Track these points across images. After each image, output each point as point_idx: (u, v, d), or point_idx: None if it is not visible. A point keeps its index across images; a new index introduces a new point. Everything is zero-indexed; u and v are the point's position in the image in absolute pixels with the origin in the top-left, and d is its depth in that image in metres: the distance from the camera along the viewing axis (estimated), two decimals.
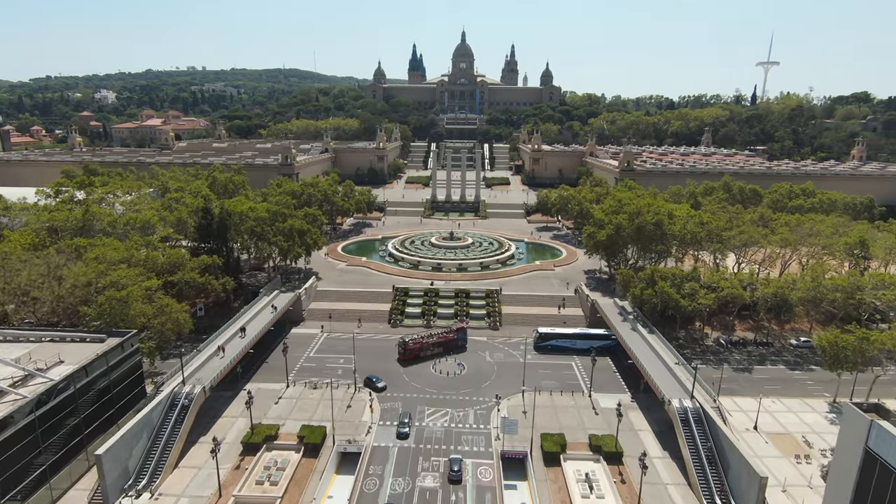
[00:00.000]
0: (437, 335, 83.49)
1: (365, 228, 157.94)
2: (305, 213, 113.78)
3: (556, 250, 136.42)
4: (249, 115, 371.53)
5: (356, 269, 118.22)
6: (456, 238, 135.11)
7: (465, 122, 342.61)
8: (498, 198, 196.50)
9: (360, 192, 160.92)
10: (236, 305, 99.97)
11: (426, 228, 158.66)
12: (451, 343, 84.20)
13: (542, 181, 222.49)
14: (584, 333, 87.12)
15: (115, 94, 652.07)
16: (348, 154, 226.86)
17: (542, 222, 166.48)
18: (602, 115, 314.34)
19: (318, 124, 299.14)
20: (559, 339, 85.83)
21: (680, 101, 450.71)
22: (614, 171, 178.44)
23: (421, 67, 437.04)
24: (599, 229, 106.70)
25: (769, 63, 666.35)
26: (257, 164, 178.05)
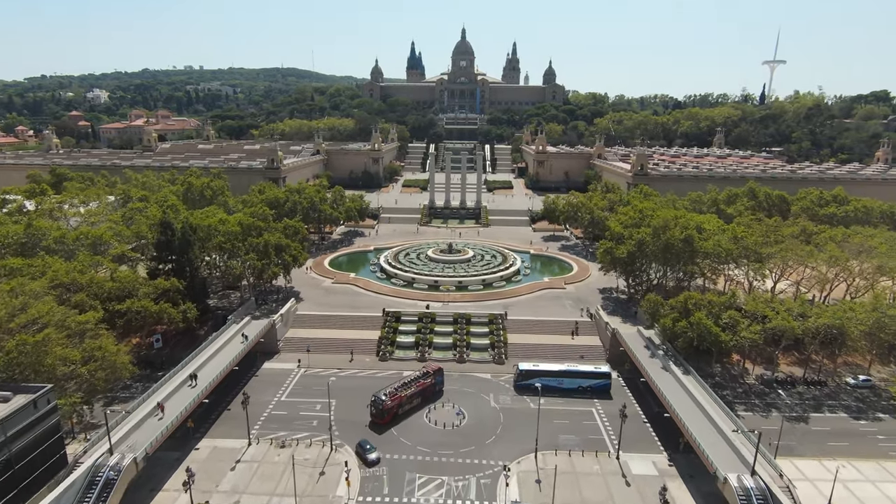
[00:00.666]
0: (414, 383, 68.47)
1: (356, 238, 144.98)
2: (285, 225, 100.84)
3: (566, 264, 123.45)
4: (242, 115, 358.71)
5: (343, 287, 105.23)
6: (455, 251, 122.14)
7: (466, 122, 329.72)
8: (500, 203, 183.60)
9: (352, 198, 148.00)
10: (203, 332, 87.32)
11: (423, 238, 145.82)
12: (429, 390, 69.97)
13: (547, 185, 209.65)
14: (573, 371, 73.67)
15: (109, 93, 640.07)
16: (341, 156, 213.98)
17: (548, 231, 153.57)
18: (608, 114, 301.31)
19: (311, 124, 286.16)
20: (544, 377, 72.04)
21: (686, 101, 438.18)
22: (626, 174, 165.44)
23: (420, 66, 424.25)
24: (618, 244, 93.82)
25: (775, 62, 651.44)
26: (241, 167, 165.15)
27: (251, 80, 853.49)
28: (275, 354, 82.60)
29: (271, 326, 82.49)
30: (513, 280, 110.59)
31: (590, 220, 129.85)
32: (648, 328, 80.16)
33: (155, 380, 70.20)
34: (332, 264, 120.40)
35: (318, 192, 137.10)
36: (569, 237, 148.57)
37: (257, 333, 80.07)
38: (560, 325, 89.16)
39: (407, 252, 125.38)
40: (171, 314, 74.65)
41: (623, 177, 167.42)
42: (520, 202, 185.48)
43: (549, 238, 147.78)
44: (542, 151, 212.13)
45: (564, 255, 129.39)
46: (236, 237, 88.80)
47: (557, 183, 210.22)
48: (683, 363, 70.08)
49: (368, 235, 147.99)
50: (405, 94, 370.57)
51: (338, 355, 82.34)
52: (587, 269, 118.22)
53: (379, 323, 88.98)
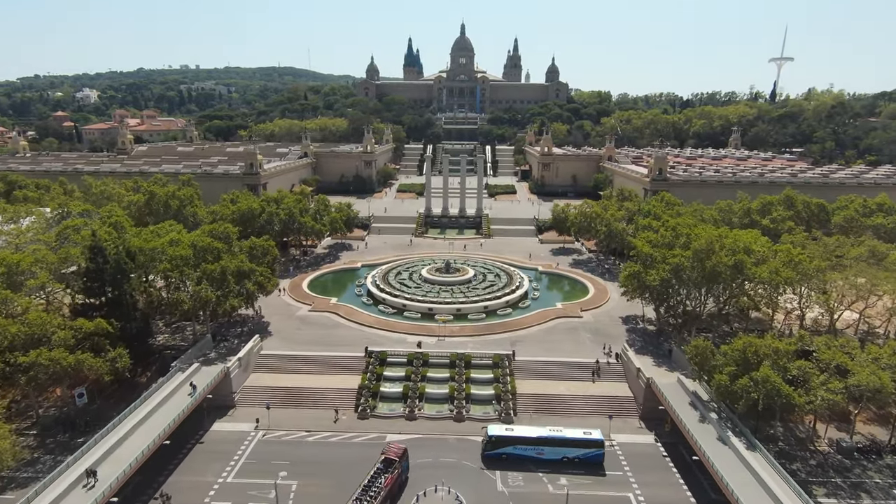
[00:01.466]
0: (379, 487, 49.43)
1: (343, 252, 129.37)
2: (252, 245, 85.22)
3: (581, 284, 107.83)
4: (231, 115, 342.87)
5: (321, 316, 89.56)
6: (453, 269, 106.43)
7: (465, 121, 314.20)
8: (503, 210, 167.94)
9: (338, 207, 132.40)
10: (145, 379, 71.94)
11: (418, 251, 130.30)
12: (396, 483, 52.27)
13: (553, 189, 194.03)
14: (557, 438, 57.70)
15: (99, 93, 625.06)
16: (331, 159, 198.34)
17: (557, 243, 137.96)
18: (616, 113, 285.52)
19: (302, 124, 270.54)
20: (520, 444, 57.29)
21: (693, 99, 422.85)
22: (643, 180, 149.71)
23: (417, 63, 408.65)
24: (646, 267, 78.31)
25: (783, 59, 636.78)
26: (216, 173, 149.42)
27: (247, 80, 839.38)
28: (229, 410, 67.10)
29: (225, 375, 66.96)
30: (520, 306, 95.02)
31: (606, 233, 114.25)
32: (694, 378, 64.71)
33: (73, 448, 55.05)
34: (312, 286, 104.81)
35: (299, 201, 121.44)
36: (581, 250, 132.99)
37: (207, 385, 64.65)
38: (579, 368, 73.58)
39: (398, 270, 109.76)
40: (93, 365, 59.16)
41: (639, 182, 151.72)
42: (524, 209, 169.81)
43: (559, 251, 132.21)
44: (548, 153, 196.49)
45: (578, 273, 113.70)
46: (186, 263, 73.21)
47: (564, 187, 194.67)
48: (746, 433, 54.57)
49: (357, 249, 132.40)
50: (402, 92, 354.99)
51: (307, 410, 66.79)
52: (605, 290, 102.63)
53: (360, 366, 73.46)
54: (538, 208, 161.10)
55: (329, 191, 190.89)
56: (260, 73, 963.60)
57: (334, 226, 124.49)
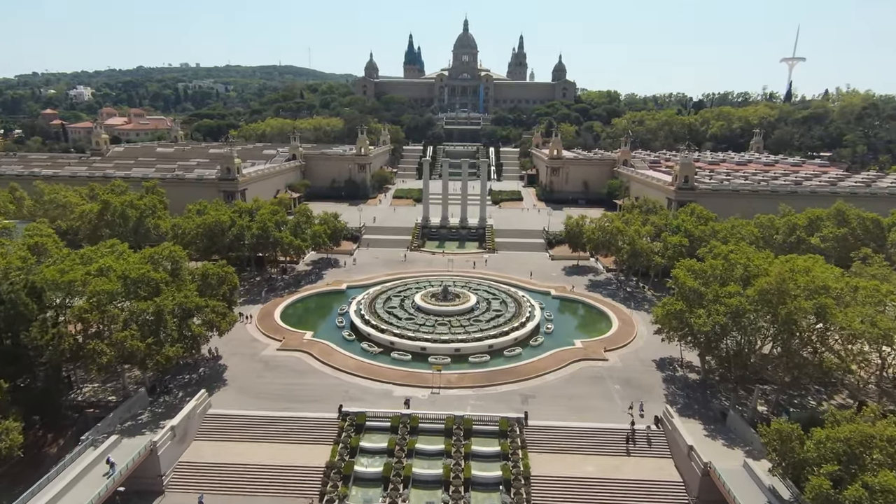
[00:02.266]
0: None
1: (327, 270, 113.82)
2: (206, 271, 69.67)
3: (601, 313, 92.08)
4: (223, 114, 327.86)
5: (291, 357, 74.00)
6: (451, 296, 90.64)
7: (468, 122, 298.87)
8: (509, 220, 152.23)
9: (323, 218, 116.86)
10: (55, 449, 56.63)
11: (413, 268, 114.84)
12: None
13: (563, 196, 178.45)
14: None
15: (94, 90, 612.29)
16: (321, 162, 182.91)
17: (570, 259, 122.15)
18: (627, 114, 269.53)
19: (296, 124, 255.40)
20: None
21: (705, 100, 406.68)
22: (665, 188, 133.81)
23: (418, 61, 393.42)
24: (690, 305, 62.60)
25: (794, 59, 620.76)
26: (189, 178, 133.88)
27: (247, 78, 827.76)
28: (156, 497, 51.62)
29: (151, 451, 51.48)
30: (531, 343, 79.39)
31: (630, 252, 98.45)
32: (761, 457, 49.08)
33: None
34: (287, 314, 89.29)
35: (276, 212, 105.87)
36: (597, 269, 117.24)
37: (129, 463, 49.28)
38: (610, 437, 57.90)
39: (388, 295, 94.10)
40: None
41: (661, 190, 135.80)
42: (532, 219, 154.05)
43: (573, 270, 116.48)
44: (557, 157, 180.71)
45: (597, 299, 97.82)
46: (112, 299, 57.74)
47: (575, 194, 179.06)
48: None
49: (344, 266, 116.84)
50: (402, 91, 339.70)
51: (257, 499, 51.27)
52: (631, 323, 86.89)
53: (332, 431, 57.94)
54: (548, 218, 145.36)
55: (319, 196, 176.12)
56: (260, 71, 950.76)
57: (317, 240, 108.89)
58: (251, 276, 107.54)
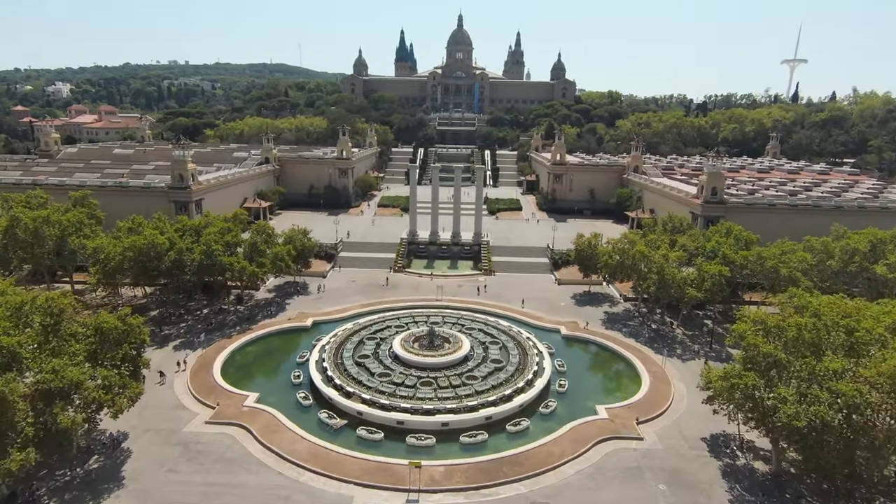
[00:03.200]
0: None
1: (293, 299, 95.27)
2: (99, 325, 50.81)
3: (624, 360, 74.10)
4: (202, 112, 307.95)
5: (223, 437, 55.25)
6: (439, 342, 72.19)
7: (462, 122, 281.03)
8: (507, 234, 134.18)
9: (289, 235, 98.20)
10: None
11: (395, 296, 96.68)
12: None
13: (567, 206, 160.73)
14: None
15: (72, 87, 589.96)
16: (298, 166, 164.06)
17: (580, 283, 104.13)
18: (633, 115, 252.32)
19: (277, 123, 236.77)
20: None
21: (708, 102, 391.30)
22: (689, 201, 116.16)
23: (410, 58, 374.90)
24: (769, 378, 44.84)
25: (796, 60, 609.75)
26: (133, 187, 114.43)
27: (236, 76, 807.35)
28: None
29: None
30: (541, 411, 61.21)
31: (659, 283, 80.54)
32: None
33: None
34: (232, 364, 70.77)
35: (228, 231, 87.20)
36: (613, 297, 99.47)
37: None
38: None
39: (361, 338, 75.69)
40: None
41: (684, 204, 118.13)
42: (534, 233, 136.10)
43: (585, 298, 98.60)
44: (560, 163, 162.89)
45: (618, 341, 79.78)
46: None
47: (580, 203, 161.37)
48: None
49: (313, 293, 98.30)
50: (392, 89, 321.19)
51: None
52: (664, 377, 68.89)
53: None
54: (552, 233, 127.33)
55: (296, 204, 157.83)
56: (250, 69, 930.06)
57: (278, 263, 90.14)
58: (199, 306, 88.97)
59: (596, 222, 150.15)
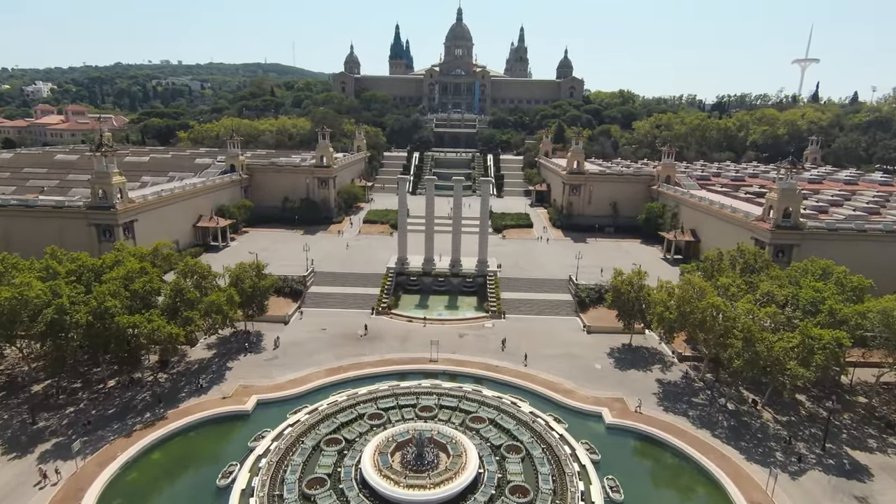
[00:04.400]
0: None
1: (237, 360, 71.02)
2: None
3: (704, 476, 50.21)
4: (178, 112, 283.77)
5: None
6: (430, 459, 47.53)
7: (462, 123, 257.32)
8: (518, 260, 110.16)
9: (236, 274, 74.12)
10: None
11: (377, 350, 72.99)
12: None
13: (585, 222, 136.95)
14: None
15: (55, 86, 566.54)
16: (270, 175, 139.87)
17: (616, 331, 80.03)
18: (652, 116, 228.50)
19: (256, 125, 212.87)
20: None
21: (723, 102, 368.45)
22: (753, 225, 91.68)
23: (406, 56, 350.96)
24: None
25: (807, 60, 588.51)
26: (44, 205, 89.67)
27: (229, 76, 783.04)
28: None
29: None
30: None
31: (749, 359, 56.29)
32: None
33: None
34: (120, 486, 46.80)
35: (143, 274, 63.01)
36: (664, 354, 75.44)
37: None
38: None
39: (318, 440, 51.70)
40: None
41: (743, 227, 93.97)
42: (550, 258, 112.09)
43: (625, 354, 74.72)
44: (578, 171, 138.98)
45: (688, 437, 55.49)
46: None
47: (601, 219, 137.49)
48: None
49: (266, 349, 74.20)
50: (386, 88, 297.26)
51: None
52: None
53: None
54: (572, 258, 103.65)
55: (267, 220, 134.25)
56: (244, 69, 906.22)
57: (213, 315, 65.94)
58: (104, 375, 64.83)
59: (622, 243, 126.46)
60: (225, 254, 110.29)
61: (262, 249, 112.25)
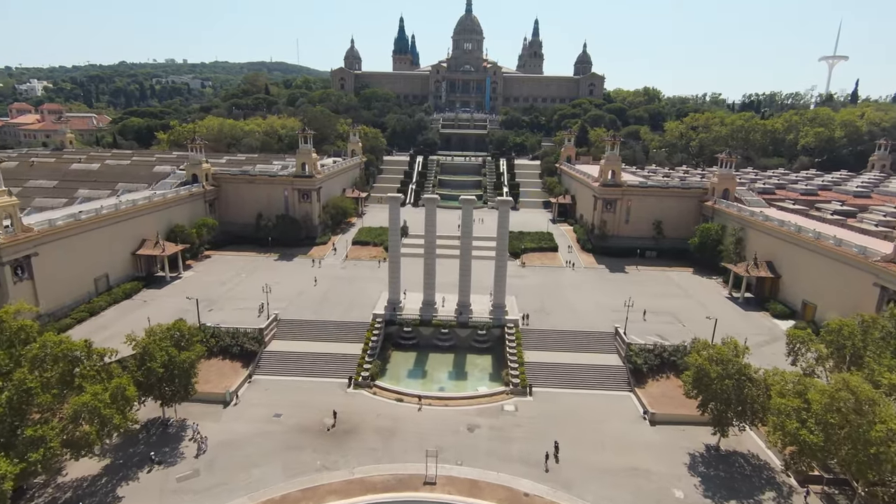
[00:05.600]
0: None
1: (135, 479, 47.48)
2: None
3: None
4: (163, 112, 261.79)
5: None
6: None
7: (471, 124, 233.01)
8: (543, 296, 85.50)
9: (149, 346, 50.48)
10: None
11: (348, 459, 49.17)
12: None
13: (623, 245, 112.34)
14: None
15: (46, 84, 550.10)
16: (242, 186, 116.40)
17: (690, 422, 55.77)
18: (689, 116, 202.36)
19: (241, 125, 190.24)
20: None
21: (755, 101, 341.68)
22: (876, 267, 66.58)
23: (412, 51, 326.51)
24: None
25: (835, 57, 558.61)
26: None
27: (232, 75, 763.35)
28: None
29: None
30: None
31: None
32: None
33: None
34: None
35: None
36: (770, 467, 50.81)
37: None
38: None
39: None
40: None
41: (856, 268, 68.86)
42: (584, 296, 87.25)
43: (713, 466, 50.16)
44: (614, 184, 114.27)
45: None
46: None
47: (641, 241, 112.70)
48: None
49: (184, 457, 50.41)
50: (389, 85, 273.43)
51: None
52: None
53: None
54: (613, 297, 79.40)
55: (238, 240, 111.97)
56: (248, 67, 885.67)
57: (88, 426, 42.21)
58: None
59: (670, 273, 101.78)
60: (173, 288, 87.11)
61: (220, 283, 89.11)
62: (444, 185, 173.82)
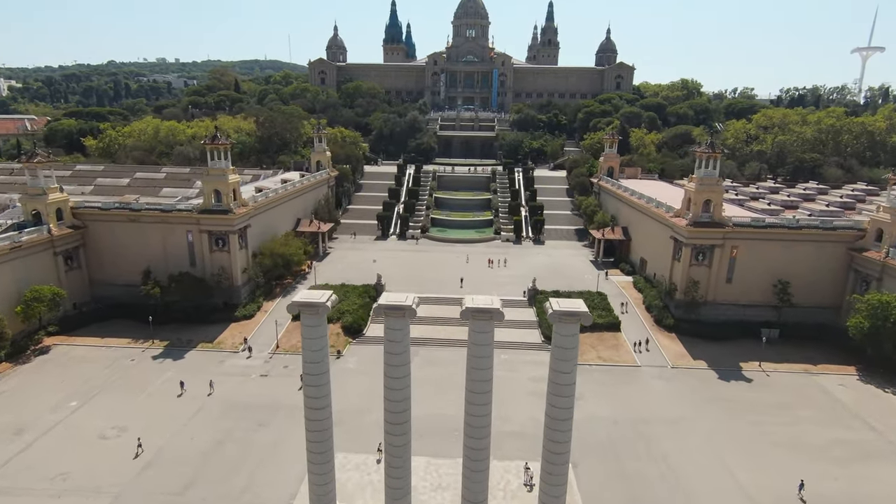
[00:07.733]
0: None
1: None
2: None
3: None
4: (106, 113, 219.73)
5: None
6: None
7: (475, 125, 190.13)
8: (615, 441, 43.48)
9: None
10: None
11: None
12: None
13: (724, 318, 69.43)
14: None
15: (19, 84, 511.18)
16: (122, 229, 74.06)
17: None
18: (759, 114, 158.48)
19: (181, 128, 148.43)
20: None
21: (798, 96, 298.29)
22: None
23: (406, 41, 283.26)
24: None
25: (870, 49, 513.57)
26: None
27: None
28: None
29: None
30: None
31: None
32: None
33: None
34: None
35: None
36: None
37: None
38: None
39: None
40: None
41: None
42: (701, 463, 44.77)
43: None
44: (712, 223, 71.34)
45: None
46: None
47: (753, 312, 70.00)
48: None
49: None
50: (378, 78, 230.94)
51: None
52: None
53: None
54: (745, 446, 37.07)
55: (115, 313, 69.06)
56: (240, 65, 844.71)
57: None
58: None
59: (820, 378, 59.22)
60: None
61: (28, 425, 46.95)
62: (441, 205, 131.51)
